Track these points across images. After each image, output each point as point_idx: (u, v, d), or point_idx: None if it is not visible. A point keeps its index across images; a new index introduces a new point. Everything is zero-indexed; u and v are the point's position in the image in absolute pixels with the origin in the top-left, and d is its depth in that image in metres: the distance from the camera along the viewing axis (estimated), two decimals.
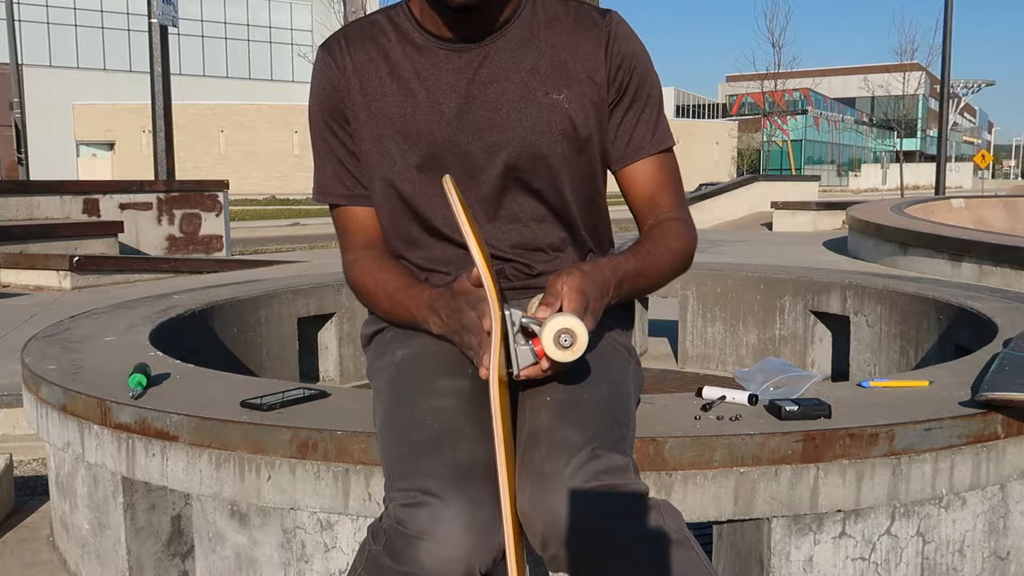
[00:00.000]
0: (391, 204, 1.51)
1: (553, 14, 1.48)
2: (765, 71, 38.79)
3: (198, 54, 40.98)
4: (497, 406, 1.13)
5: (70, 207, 8.89)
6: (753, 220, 16.46)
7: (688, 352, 3.89)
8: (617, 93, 1.48)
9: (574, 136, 1.47)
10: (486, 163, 1.46)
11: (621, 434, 1.27)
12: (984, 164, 36.65)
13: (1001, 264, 6.12)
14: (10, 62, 19.56)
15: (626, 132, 1.51)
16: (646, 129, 1.51)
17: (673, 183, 1.55)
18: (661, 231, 1.49)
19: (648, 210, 1.52)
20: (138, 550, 1.79)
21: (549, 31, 1.47)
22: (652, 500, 1.19)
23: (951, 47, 17.67)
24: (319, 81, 1.51)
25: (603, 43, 1.47)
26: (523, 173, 1.47)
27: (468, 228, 1.15)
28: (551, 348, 1.16)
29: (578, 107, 1.46)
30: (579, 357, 1.17)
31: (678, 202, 1.54)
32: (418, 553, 1.09)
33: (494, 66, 1.44)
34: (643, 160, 1.52)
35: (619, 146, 1.51)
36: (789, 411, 1.54)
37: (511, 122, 1.45)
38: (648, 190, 1.52)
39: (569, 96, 1.46)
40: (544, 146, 1.45)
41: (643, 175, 1.52)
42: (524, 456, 1.20)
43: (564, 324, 1.16)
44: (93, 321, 2.56)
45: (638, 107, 1.50)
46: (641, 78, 1.50)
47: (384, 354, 1.49)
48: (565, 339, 1.16)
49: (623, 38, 1.48)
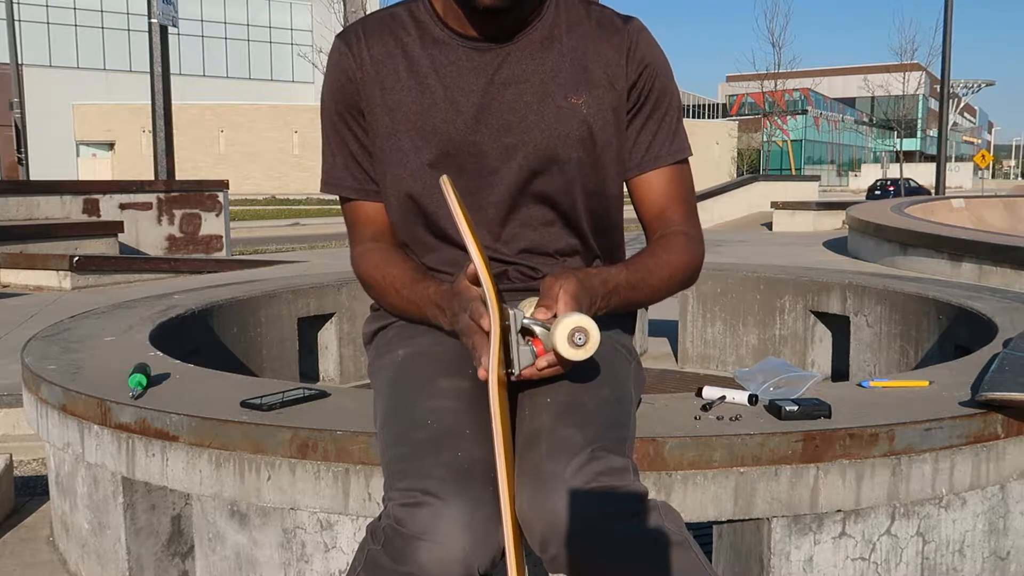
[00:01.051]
0: (400, 204, 1.50)
1: (576, 17, 1.47)
2: (765, 71, 38.79)
3: (198, 54, 40.98)
4: (496, 407, 1.13)
5: (70, 207, 8.88)
6: (753, 220, 16.46)
7: (688, 352, 3.89)
8: (637, 100, 1.47)
9: (591, 141, 1.46)
10: (500, 164, 1.45)
11: (621, 435, 1.26)
12: (984, 164, 36.65)
13: (1001, 264, 6.12)
14: (10, 62, 19.56)
15: (644, 140, 1.49)
16: (664, 138, 1.49)
17: (685, 196, 1.52)
18: (664, 244, 1.47)
19: (657, 222, 1.51)
20: (138, 550, 1.79)
21: (571, 35, 1.45)
22: (652, 501, 1.19)
23: (951, 47, 17.68)
24: (334, 71, 1.49)
25: (624, 49, 1.45)
26: (537, 176, 1.45)
27: (466, 228, 1.15)
28: (565, 347, 1.17)
29: (596, 112, 1.45)
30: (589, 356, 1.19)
31: (688, 216, 1.52)
32: (417, 553, 1.09)
33: (514, 67, 1.43)
34: (659, 170, 1.50)
35: (636, 154, 1.49)
36: (789, 411, 1.54)
37: (528, 124, 1.43)
38: (660, 202, 1.51)
39: (588, 101, 1.44)
40: (560, 150, 1.44)
41: (657, 185, 1.50)
42: (523, 457, 1.20)
43: (578, 323, 1.17)
44: (93, 321, 2.56)
45: (658, 115, 1.49)
46: (662, 87, 1.48)
47: (385, 353, 1.49)
48: (579, 337, 1.17)
49: (645, 45, 1.47)
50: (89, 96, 37.87)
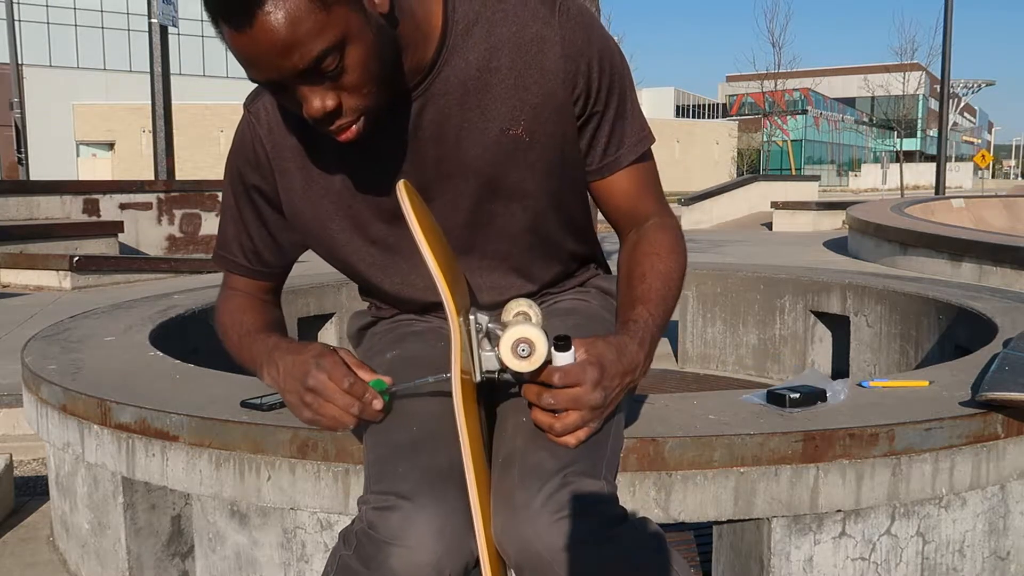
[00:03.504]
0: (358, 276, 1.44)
1: (490, 25, 1.26)
2: (765, 71, 38.78)
3: (198, 54, 40.97)
4: (461, 412, 1.10)
5: (70, 207, 8.89)
6: (753, 220, 16.46)
7: (688, 352, 3.89)
8: (584, 106, 1.30)
9: (558, 175, 1.33)
10: (452, 212, 1.34)
11: (599, 455, 1.20)
12: (984, 164, 36.65)
13: (1001, 264, 6.12)
14: (10, 62, 19.56)
15: (600, 144, 1.34)
16: (621, 136, 1.35)
17: (653, 186, 1.40)
18: (658, 253, 1.33)
19: (629, 219, 1.40)
20: (138, 550, 1.79)
21: (492, 55, 1.25)
22: (628, 523, 1.15)
23: (951, 47, 17.67)
24: (244, 143, 1.35)
25: (557, 50, 1.25)
26: (492, 212, 1.35)
27: (421, 237, 1.11)
28: (508, 356, 1.13)
29: (541, 135, 1.29)
30: (538, 369, 1.13)
31: (659, 205, 1.40)
32: (388, 558, 1.07)
33: (435, 115, 1.26)
34: (622, 170, 1.37)
35: (593, 159, 1.36)
36: (793, 399, 1.56)
37: (469, 171, 1.30)
38: (628, 199, 1.39)
39: (528, 127, 1.28)
40: (512, 182, 1.32)
41: (621, 185, 1.38)
42: (499, 481, 1.16)
43: (523, 334, 1.12)
44: (93, 321, 2.56)
45: (610, 113, 1.33)
46: (609, 79, 1.30)
47: (373, 356, 1.46)
48: (523, 349, 1.12)
49: (579, 34, 1.26)
50: (89, 96, 37.86)
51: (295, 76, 1.09)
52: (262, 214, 1.40)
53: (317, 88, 1.11)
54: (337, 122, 1.14)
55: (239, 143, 1.36)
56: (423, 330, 1.48)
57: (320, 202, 1.34)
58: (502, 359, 1.14)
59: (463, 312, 1.16)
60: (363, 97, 1.14)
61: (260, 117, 1.33)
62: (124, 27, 39.10)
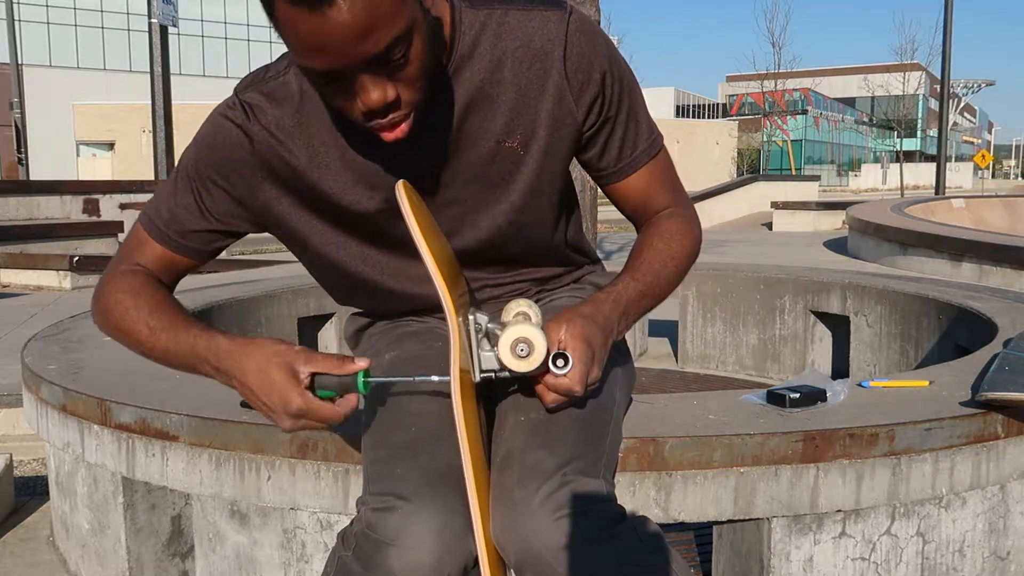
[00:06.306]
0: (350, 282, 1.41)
1: (495, 38, 1.25)
2: (765, 71, 38.78)
3: (198, 54, 40.98)
4: (460, 412, 1.10)
5: (70, 207, 8.89)
6: (753, 220, 16.46)
7: (688, 352, 3.89)
8: (595, 117, 1.30)
9: (548, 183, 1.33)
10: (454, 228, 1.34)
11: (597, 454, 1.21)
12: (984, 164, 36.63)
13: (1001, 264, 6.12)
14: (10, 62, 19.56)
15: (613, 149, 1.34)
16: (635, 139, 1.35)
17: (668, 179, 1.40)
18: (660, 234, 1.37)
19: (644, 213, 1.41)
20: (138, 550, 1.79)
21: (496, 67, 1.25)
22: (627, 521, 1.15)
23: (951, 47, 17.67)
24: (226, 139, 1.27)
25: (563, 63, 1.25)
26: (489, 218, 1.34)
27: (421, 237, 1.11)
28: (507, 357, 1.14)
29: (548, 148, 1.29)
30: (537, 368, 1.14)
31: (676, 196, 1.40)
32: (387, 559, 1.07)
33: (438, 121, 1.25)
34: (636, 172, 1.37)
35: (606, 164, 1.36)
36: (793, 398, 1.56)
37: (470, 186, 1.30)
38: (643, 196, 1.39)
39: (536, 142, 1.28)
40: (507, 191, 1.31)
41: (637, 185, 1.38)
42: (498, 480, 1.17)
43: (521, 333, 1.13)
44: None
45: (622, 121, 1.32)
46: (618, 88, 1.30)
47: (371, 357, 1.46)
48: (522, 349, 1.13)
49: (586, 46, 1.26)
50: (89, 96, 37.85)
51: (364, 63, 1.06)
52: (214, 205, 1.31)
53: (379, 78, 1.08)
54: (391, 115, 1.12)
55: (220, 138, 1.28)
56: (421, 330, 1.48)
57: (321, 202, 1.33)
58: (501, 359, 1.14)
59: (462, 312, 1.16)
60: (417, 91, 1.13)
61: (260, 116, 1.27)
62: (124, 27, 39.11)
